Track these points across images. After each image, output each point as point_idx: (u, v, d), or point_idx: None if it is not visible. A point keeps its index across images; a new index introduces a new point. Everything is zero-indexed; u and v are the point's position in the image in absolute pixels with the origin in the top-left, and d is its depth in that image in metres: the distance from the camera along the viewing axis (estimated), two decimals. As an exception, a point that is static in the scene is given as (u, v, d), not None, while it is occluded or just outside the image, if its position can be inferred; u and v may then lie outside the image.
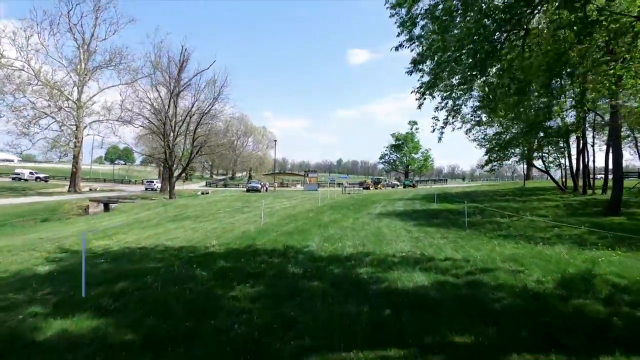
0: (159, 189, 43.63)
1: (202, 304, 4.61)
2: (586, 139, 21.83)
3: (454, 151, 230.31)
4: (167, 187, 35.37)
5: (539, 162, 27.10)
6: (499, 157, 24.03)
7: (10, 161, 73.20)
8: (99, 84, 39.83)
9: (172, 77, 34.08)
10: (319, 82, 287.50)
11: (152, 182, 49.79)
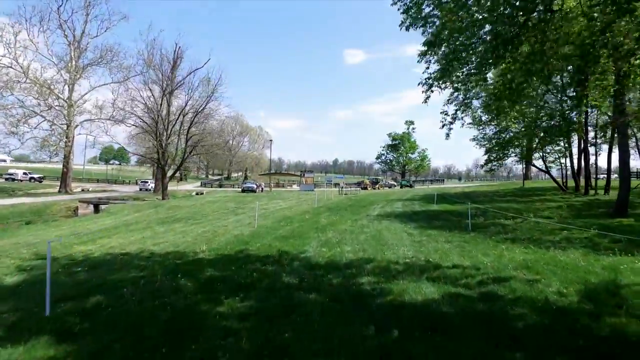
0: (153, 190, 42.86)
1: (183, 324, 4.02)
2: (588, 138, 21.47)
3: (450, 151, 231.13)
4: (161, 187, 34.62)
5: (539, 162, 26.77)
6: (498, 156, 23.64)
7: (3, 161, 71.75)
8: (91, 82, 39.18)
9: (165, 75, 33.40)
10: (315, 81, 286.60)
11: (147, 182, 48.99)
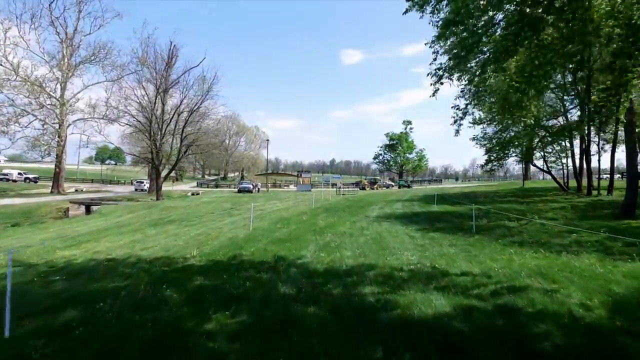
0: (148, 190, 42.20)
1: (165, 345, 3.54)
2: (590, 138, 21.15)
3: (447, 151, 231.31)
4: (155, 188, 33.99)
5: (540, 162, 26.45)
6: (499, 156, 23.27)
7: None
8: (84, 81, 38.46)
9: (160, 73, 32.74)
10: (313, 81, 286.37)
11: (142, 182, 48.30)
